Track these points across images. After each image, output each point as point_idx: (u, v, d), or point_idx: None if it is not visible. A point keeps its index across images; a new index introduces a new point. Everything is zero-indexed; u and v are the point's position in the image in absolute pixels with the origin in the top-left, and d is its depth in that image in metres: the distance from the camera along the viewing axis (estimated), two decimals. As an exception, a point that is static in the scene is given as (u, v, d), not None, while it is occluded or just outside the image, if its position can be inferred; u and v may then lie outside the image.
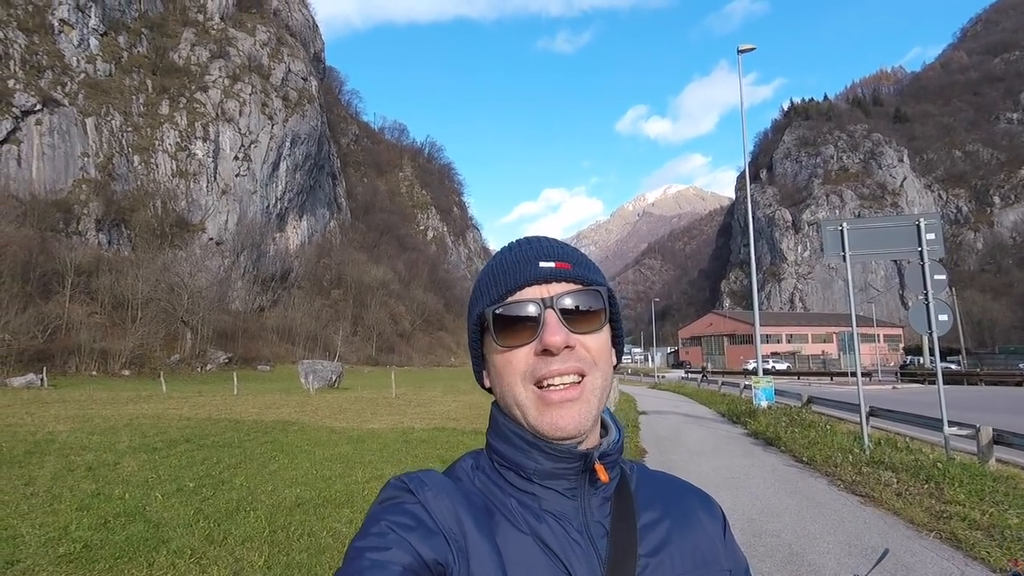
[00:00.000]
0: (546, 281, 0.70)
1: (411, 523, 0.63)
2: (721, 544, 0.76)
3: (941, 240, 8.71)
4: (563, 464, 0.69)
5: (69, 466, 7.95)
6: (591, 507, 0.70)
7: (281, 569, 4.19)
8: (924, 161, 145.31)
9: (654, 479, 0.81)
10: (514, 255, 0.74)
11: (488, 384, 0.77)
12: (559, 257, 0.72)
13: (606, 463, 0.71)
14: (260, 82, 79.38)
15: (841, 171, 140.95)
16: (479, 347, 0.76)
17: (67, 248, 47.15)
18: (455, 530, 0.64)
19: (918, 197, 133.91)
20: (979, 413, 13.34)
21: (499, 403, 0.74)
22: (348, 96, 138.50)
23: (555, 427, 0.67)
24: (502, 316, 0.70)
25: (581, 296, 0.70)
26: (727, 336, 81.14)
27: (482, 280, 0.75)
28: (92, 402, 18.92)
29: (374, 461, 8.55)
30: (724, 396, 22.39)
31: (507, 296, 0.70)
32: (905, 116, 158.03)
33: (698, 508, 0.79)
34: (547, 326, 0.67)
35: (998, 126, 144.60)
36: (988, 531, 4.92)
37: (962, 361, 48.06)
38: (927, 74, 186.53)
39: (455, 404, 19.07)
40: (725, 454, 9.78)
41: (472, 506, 0.68)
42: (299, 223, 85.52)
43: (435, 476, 0.71)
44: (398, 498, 0.68)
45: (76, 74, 63.40)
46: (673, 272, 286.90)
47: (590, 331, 0.70)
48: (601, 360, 0.71)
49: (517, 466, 0.71)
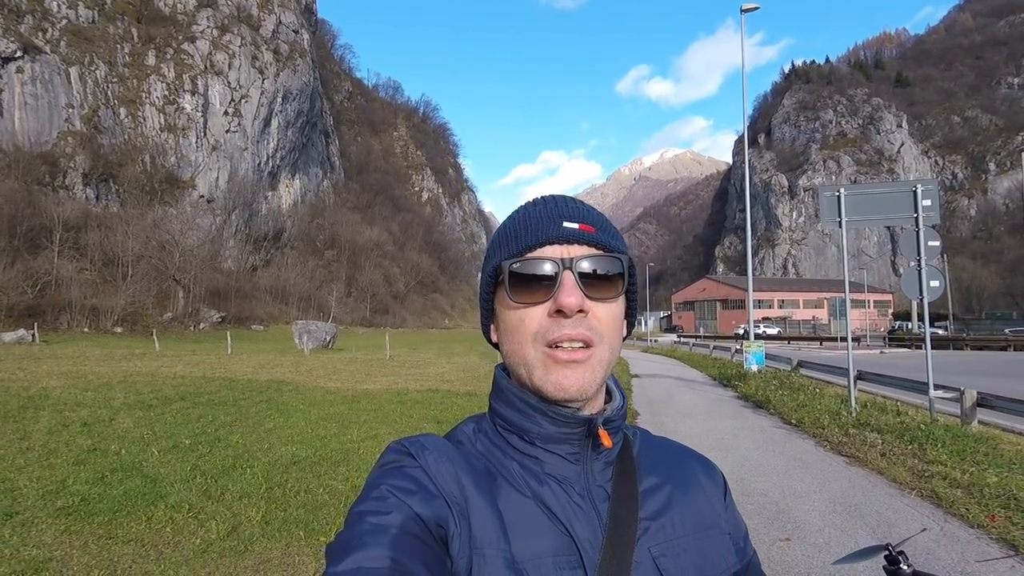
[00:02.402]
0: (567, 242, 0.69)
1: (412, 487, 0.63)
2: (722, 508, 0.77)
3: (937, 207, 8.67)
4: (566, 429, 0.69)
5: (64, 422, 7.99)
6: (593, 471, 0.70)
7: (279, 524, 4.25)
8: (922, 126, 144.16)
9: (656, 444, 0.81)
10: (538, 211, 0.72)
11: (495, 339, 0.75)
12: (583, 219, 0.71)
13: (609, 428, 0.71)
14: (250, 34, 76.91)
15: (839, 136, 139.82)
16: (490, 300, 0.75)
17: (54, 202, 46.49)
18: (456, 493, 0.64)
19: (915, 163, 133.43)
20: (964, 377, 13.57)
21: (505, 359, 0.73)
22: (341, 51, 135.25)
23: (559, 387, 0.66)
24: (519, 271, 0.68)
25: (601, 261, 0.69)
26: (720, 301, 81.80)
27: (502, 232, 0.74)
28: (85, 359, 18.91)
29: (369, 421, 8.64)
30: (715, 360, 22.67)
31: (526, 252, 0.69)
32: (906, 80, 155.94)
33: (699, 473, 0.79)
34: (563, 287, 0.66)
35: (999, 91, 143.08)
36: (968, 489, 5.06)
37: (949, 326, 48.78)
38: (930, 37, 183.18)
39: (449, 366, 19.21)
40: (716, 416, 9.95)
41: (473, 469, 0.68)
42: (291, 182, 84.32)
43: (436, 440, 0.71)
44: (399, 462, 0.67)
45: (58, 20, 61.20)
46: (668, 237, 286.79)
47: (606, 298, 0.69)
48: (610, 332, 0.69)
49: (521, 430, 0.70)
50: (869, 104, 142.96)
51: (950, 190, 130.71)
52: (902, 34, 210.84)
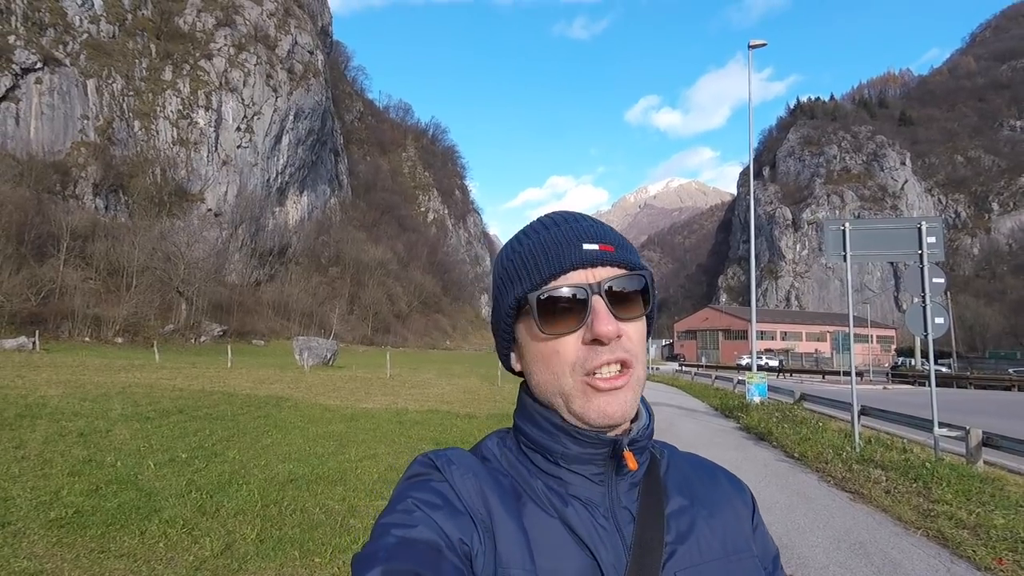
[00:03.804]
0: (591, 265, 0.66)
1: (438, 501, 0.62)
2: (750, 530, 0.74)
3: (942, 244, 8.69)
4: (591, 450, 0.67)
5: (61, 431, 7.93)
6: (618, 493, 0.69)
7: (273, 543, 4.19)
8: (926, 165, 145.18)
9: (685, 462, 0.79)
10: (554, 236, 0.69)
11: (518, 367, 0.74)
12: (603, 239, 0.69)
13: (635, 449, 0.69)
14: (266, 53, 78.36)
15: (843, 172, 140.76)
16: (510, 330, 0.72)
17: (63, 211, 46.75)
18: (481, 510, 0.63)
19: (918, 201, 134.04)
20: (968, 416, 13.43)
21: (536, 389, 0.70)
22: (354, 72, 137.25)
23: (603, 414, 0.65)
24: (547, 302, 0.66)
25: (626, 281, 0.67)
26: (722, 331, 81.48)
27: (518, 260, 0.70)
28: (84, 368, 18.83)
29: (367, 440, 8.56)
30: (717, 390, 22.49)
31: (550, 280, 0.66)
32: (910, 119, 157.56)
33: (728, 493, 0.77)
34: (597, 315, 0.64)
35: (1001, 133, 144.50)
36: (975, 530, 4.97)
37: (953, 364, 48.43)
38: (934, 78, 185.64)
39: (449, 387, 19.11)
40: (718, 447, 9.83)
41: (499, 486, 0.67)
42: (299, 198, 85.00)
43: (462, 454, 0.70)
44: (425, 475, 0.66)
45: (79, 34, 62.43)
46: (671, 265, 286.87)
47: (634, 317, 0.68)
48: (641, 350, 0.68)
49: (544, 449, 0.69)
50: (873, 141, 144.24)
51: (953, 228, 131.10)
52: (906, 74, 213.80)
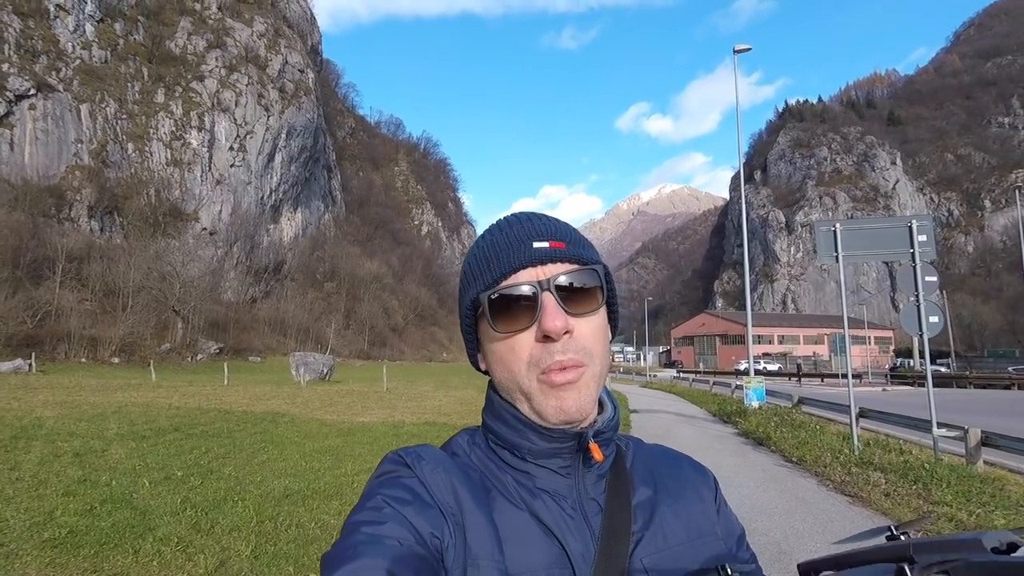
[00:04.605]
0: (541, 262, 0.68)
1: (407, 497, 0.63)
2: (714, 513, 0.76)
3: (933, 242, 8.73)
4: (557, 444, 0.69)
5: (56, 452, 7.87)
6: (586, 485, 0.70)
7: (268, 559, 4.16)
8: (916, 164, 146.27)
9: (650, 453, 0.82)
10: (505, 236, 0.71)
11: (484, 367, 0.75)
12: (553, 236, 0.70)
13: (600, 441, 0.71)
14: (257, 73, 78.76)
15: (834, 173, 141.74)
16: (474, 332, 0.74)
17: (58, 234, 46.71)
18: (452, 504, 0.64)
19: (910, 200, 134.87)
20: (967, 415, 13.42)
21: (499, 387, 0.73)
22: (345, 89, 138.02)
23: (559, 410, 0.66)
24: (497, 301, 0.68)
25: (577, 276, 0.68)
26: (719, 336, 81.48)
27: (473, 263, 0.73)
28: (80, 388, 18.75)
29: (364, 454, 8.52)
30: (715, 396, 22.47)
31: (501, 280, 0.68)
32: (898, 119, 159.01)
33: (692, 479, 0.79)
34: (546, 311, 0.65)
35: (990, 130, 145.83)
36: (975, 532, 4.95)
37: (951, 364, 48.52)
38: (920, 77, 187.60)
39: (446, 399, 19.04)
40: (716, 453, 9.81)
41: (469, 481, 0.68)
42: (293, 215, 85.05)
43: (432, 451, 0.71)
44: (395, 472, 0.67)
45: (71, 60, 62.68)
46: (666, 271, 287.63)
47: (587, 312, 0.68)
48: (598, 347, 0.69)
49: (512, 446, 0.70)
50: (863, 142, 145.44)
51: (947, 227, 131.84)
52: (892, 75, 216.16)
